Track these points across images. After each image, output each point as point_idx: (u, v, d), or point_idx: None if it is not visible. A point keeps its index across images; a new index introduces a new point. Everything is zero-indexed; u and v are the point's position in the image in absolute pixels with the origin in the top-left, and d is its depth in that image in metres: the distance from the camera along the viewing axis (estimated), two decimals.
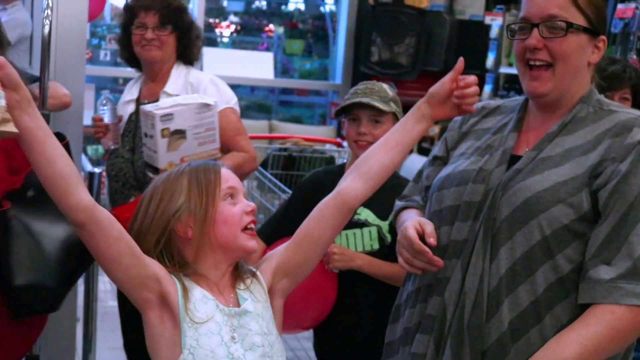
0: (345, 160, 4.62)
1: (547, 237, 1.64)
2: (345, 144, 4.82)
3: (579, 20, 1.72)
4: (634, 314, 1.58)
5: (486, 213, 1.72)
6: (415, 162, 4.22)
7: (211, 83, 3.03)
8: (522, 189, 1.69)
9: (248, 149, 3.00)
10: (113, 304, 4.95)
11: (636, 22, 4.93)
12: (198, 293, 1.66)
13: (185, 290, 1.64)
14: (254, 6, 8.16)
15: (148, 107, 2.66)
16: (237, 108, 3.06)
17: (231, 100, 3.04)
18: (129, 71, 7.13)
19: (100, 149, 5.80)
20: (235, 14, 8.22)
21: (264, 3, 8.16)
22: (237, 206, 1.71)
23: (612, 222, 1.61)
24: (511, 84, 5.88)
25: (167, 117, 2.57)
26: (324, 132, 7.20)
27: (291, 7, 8.26)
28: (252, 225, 1.72)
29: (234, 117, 3.02)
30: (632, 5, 4.95)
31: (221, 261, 1.71)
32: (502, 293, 1.67)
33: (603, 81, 2.77)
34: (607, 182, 1.63)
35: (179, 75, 3.08)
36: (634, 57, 5.02)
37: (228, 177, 1.73)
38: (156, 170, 2.60)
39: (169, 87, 3.05)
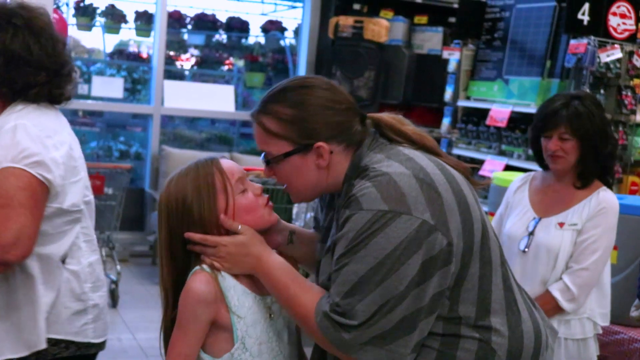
0: None
1: None
2: None
3: (282, 147, 1.79)
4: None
5: None
6: None
7: (11, 131, 2.15)
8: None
9: (5, 229, 2.06)
10: None
11: (588, 57, 5.09)
12: (239, 289, 1.84)
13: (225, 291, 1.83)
14: (214, 39, 8.21)
15: None
16: (36, 172, 2.11)
17: (24, 160, 2.11)
18: (89, 103, 7.17)
19: None
20: (196, 47, 8.27)
21: (224, 37, 8.21)
22: (249, 192, 1.87)
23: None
24: (469, 117, 5.99)
25: None
26: None
27: (251, 40, 8.33)
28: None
29: (11, 182, 2.09)
30: (584, 41, 5.11)
31: None
32: None
33: (539, 122, 2.84)
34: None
35: None
36: (587, 90, 5.17)
37: (232, 170, 1.87)
38: None
39: None
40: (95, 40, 8.08)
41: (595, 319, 2.80)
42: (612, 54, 5.22)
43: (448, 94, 6.18)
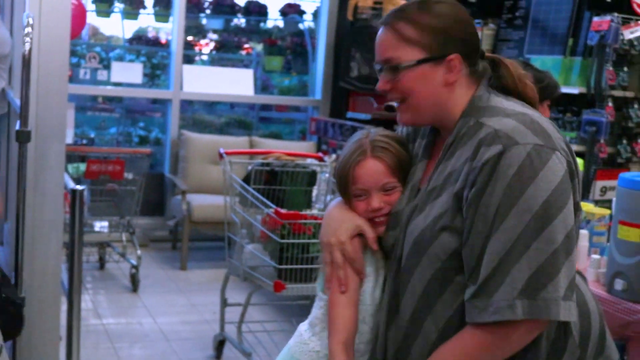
0: (327, 175, 4.64)
1: (440, 269, 1.68)
2: (326, 158, 4.83)
3: (414, 54, 1.74)
4: (493, 330, 1.61)
5: (394, 256, 1.80)
6: None
7: None
8: (412, 230, 1.74)
9: None
10: (95, 322, 4.93)
11: (611, 35, 5.00)
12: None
13: None
14: (232, 24, 8.17)
15: None
16: None
17: None
18: (109, 89, 7.20)
19: (82, 166, 5.79)
20: (214, 31, 8.23)
21: (242, 21, 8.16)
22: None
23: (472, 244, 1.63)
24: None
25: None
26: (303, 147, 7.21)
27: (270, 24, 8.27)
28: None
29: None
30: (608, 18, 5.02)
31: None
32: (414, 333, 1.74)
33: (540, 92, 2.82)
34: (465, 206, 1.65)
35: None
36: (610, 68, 5.09)
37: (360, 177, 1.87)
38: None
39: None
40: (114, 26, 8.07)
41: None
42: (636, 31, 5.13)
43: None
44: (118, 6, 7.52)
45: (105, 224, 5.94)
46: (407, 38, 1.74)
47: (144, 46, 7.93)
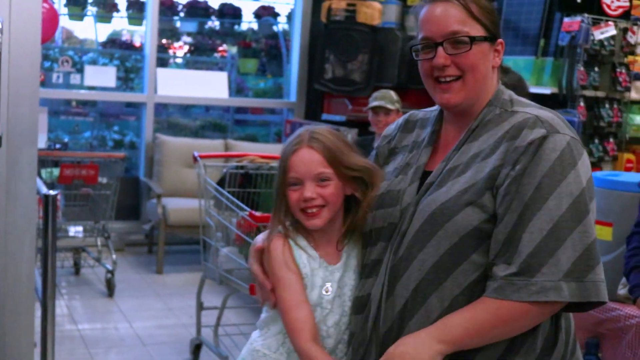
0: None
1: (456, 244, 1.69)
2: None
3: (478, 30, 1.78)
4: (522, 307, 1.62)
5: (398, 231, 1.79)
6: None
7: None
8: (429, 203, 1.74)
9: None
10: (70, 327, 4.90)
11: (582, 35, 5.05)
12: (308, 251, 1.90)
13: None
14: (207, 26, 8.15)
15: None
16: None
17: None
18: (82, 93, 7.16)
19: (55, 171, 5.75)
20: (189, 34, 8.21)
21: (217, 23, 8.15)
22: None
23: (509, 222, 1.64)
24: None
25: None
26: (279, 150, 7.14)
27: (244, 26, 8.27)
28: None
29: None
30: (578, 19, 5.07)
31: None
32: (415, 306, 1.73)
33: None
34: (502, 184, 1.67)
35: None
36: (581, 68, 5.14)
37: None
38: None
39: None
40: (88, 30, 8.04)
41: None
42: (606, 32, 5.19)
43: None
44: (91, 10, 7.48)
45: (80, 228, 5.91)
46: (474, 14, 1.78)
47: (118, 49, 7.90)
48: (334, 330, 1.88)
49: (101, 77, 7.22)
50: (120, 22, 7.83)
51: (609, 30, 5.20)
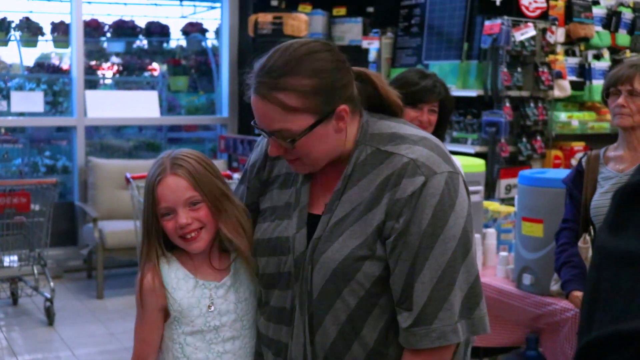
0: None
1: (364, 296, 1.71)
2: (235, 175, 4.84)
3: (304, 121, 1.67)
4: (433, 351, 1.68)
5: (300, 286, 1.77)
6: None
7: None
8: (326, 262, 1.72)
9: None
10: (10, 359, 4.80)
11: (503, 37, 5.17)
12: (181, 273, 1.90)
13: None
14: (135, 46, 8.09)
15: None
16: None
17: None
18: (10, 120, 7.01)
19: None
20: (117, 54, 8.14)
21: (145, 42, 8.10)
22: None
23: (401, 271, 1.67)
24: None
25: None
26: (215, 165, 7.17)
27: (173, 44, 8.23)
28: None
29: None
30: (498, 21, 5.19)
31: None
32: (339, 353, 1.74)
33: (415, 94, 2.92)
34: (389, 237, 1.68)
35: None
36: (505, 69, 5.26)
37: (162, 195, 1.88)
38: None
39: None
40: (13, 55, 7.90)
41: None
42: (526, 32, 5.32)
43: None
44: (15, 34, 7.36)
45: (15, 258, 5.79)
46: (293, 108, 1.65)
47: (45, 74, 7.78)
48: (231, 345, 1.91)
49: (28, 102, 7.11)
50: (47, 46, 7.72)
51: (529, 31, 5.34)
